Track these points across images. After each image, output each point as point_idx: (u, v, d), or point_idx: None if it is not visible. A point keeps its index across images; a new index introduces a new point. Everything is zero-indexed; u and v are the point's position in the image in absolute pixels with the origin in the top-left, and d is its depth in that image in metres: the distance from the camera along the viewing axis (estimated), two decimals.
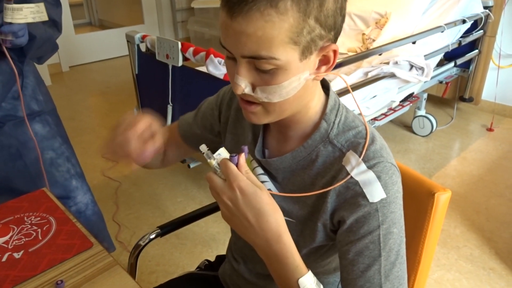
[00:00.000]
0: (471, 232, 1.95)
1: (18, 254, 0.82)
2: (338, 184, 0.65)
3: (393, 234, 0.64)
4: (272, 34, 0.55)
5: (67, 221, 0.91)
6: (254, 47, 0.56)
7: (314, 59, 0.60)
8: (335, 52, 0.61)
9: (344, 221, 0.65)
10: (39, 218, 0.92)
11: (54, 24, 1.26)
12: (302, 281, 0.61)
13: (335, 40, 0.61)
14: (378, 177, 0.63)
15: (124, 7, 5.46)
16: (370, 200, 0.63)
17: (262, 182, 0.73)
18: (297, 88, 0.61)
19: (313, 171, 0.69)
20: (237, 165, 0.61)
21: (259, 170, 0.74)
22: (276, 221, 0.61)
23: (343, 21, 0.61)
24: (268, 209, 0.60)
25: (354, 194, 0.64)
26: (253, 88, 0.61)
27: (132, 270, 1.04)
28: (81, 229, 0.89)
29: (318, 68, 0.63)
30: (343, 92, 1.83)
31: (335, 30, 0.60)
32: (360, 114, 0.69)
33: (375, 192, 0.63)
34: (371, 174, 0.63)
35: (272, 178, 0.74)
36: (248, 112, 0.65)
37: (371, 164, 0.64)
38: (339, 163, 0.66)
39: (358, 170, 0.64)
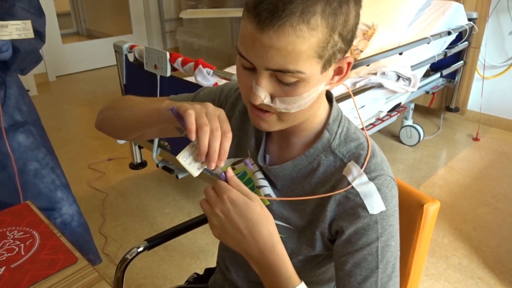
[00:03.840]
0: (459, 241, 1.96)
1: (0, 271, 0.80)
2: (338, 191, 0.65)
3: (390, 247, 0.65)
4: (301, 49, 0.55)
5: (51, 235, 0.89)
6: (281, 61, 0.56)
7: (331, 70, 0.62)
8: (349, 64, 0.63)
9: (342, 232, 0.65)
10: (22, 233, 0.90)
11: (37, 35, 1.25)
12: None
13: (348, 49, 0.63)
14: (379, 189, 0.64)
15: (112, 17, 5.44)
16: (370, 212, 0.63)
17: (262, 186, 0.73)
18: (314, 98, 0.62)
19: (314, 180, 0.69)
20: (226, 180, 0.61)
21: (259, 175, 0.74)
22: (268, 231, 0.61)
23: (355, 33, 0.62)
24: (260, 219, 0.60)
25: (354, 205, 0.64)
26: (272, 99, 0.61)
27: (118, 285, 1.01)
28: (65, 243, 0.87)
29: (332, 78, 0.64)
30: (338, 100, 1.84)
31: (350, 43, 0.61)
32: (362, 124, 0.71)
33: (375, 204, 0.63)
34: (372, 186, 0.64)
35: (271, 184, 0.74)
36: (259, 120, 0.65)
37: (372, 176, 0.65)
38: (339, 173, 0.67)
39: (359, 181, 0.65)
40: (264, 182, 0.73)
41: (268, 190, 0.73)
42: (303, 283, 0.63)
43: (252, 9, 0.55)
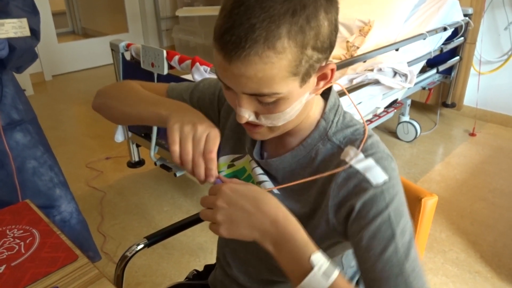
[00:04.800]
0: (456, 236, 1.98)
1: (0, 269, 0.80)
2: (337, 170, 0.65)
3: (403, 213, 0.63)
4: (272, 73, 0.55)
5: (51, 233, 0.89)
6: (255, 87, 0.57)
7: (313, 79, 0.62)
8: (332, 70, 0.63)
9: (352, 209, 0.64)
10: (21, 231, 0.90)
11: (32, 33, 1.25)
12: (314, 257, 0.58)
13: (330, 54, 0.62)
14: (377, 162, 0.64)
15: (108, 16, 5.42)
16: (374, 183, 0.62)
17: (262, 181, 0.74)
18: (299, 109, 0.63)
19: (313, 169, 0.69)
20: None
21: (259, 170, 0.75)
22: (275, 203, 0.61)
23: (336, 35, 0.61)
24: (263, 194, 0.61)
25: (357, 182, 0.64)
26: (257, 115, 0.62)
27: (118, 282, 1.02)
28: (65, 241, 0.87)
29: (317, 84, 0.64)
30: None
31: (330, 48, 0.61)
32: (362, 119, 0.71)
33: (377, 175, 0.63)
34: (370, 160, 0.64)
35: (272, 179, 0.74)
36: (252, 132, 0.67)
37: (369, 153, 0.65)
38: (337, 158, 0.67)
39: (357, 159, 0.65)
40: (264, 177, 0.74)
41: (269, 184, 0.73)
42: (321, 251, 0.59)
43: (218, 40, 0.56)
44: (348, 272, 0.83)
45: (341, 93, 1.93)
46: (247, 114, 0.62)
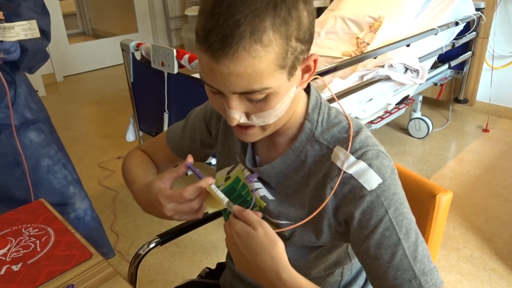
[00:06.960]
0: (470, 233, 1.95)
1: (17, 267, 0.81)
2: (335, 186, 0.65)
3: (404, 214, 0.63)
4: (261, 67, 0.55)
5: (66, 231, 0.90)
6: (245, 84, 0.56)
7: (298, 72, 0.62)
8: (315, 60, 0.62)
9: (352, 218, 0.64)
10: (37, 230, 0.91)
11: (43, 33, 1.26)
12: None
13: (310, 46, 0.62)
14: (369, 165, 0.63)
15: (118, 16, 5.46)
16: (369, 189, 0.63)
17: (256, 189, 0.74)
18: (288, 104, 0.63)
19: (305, 171, 0.69)
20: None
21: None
22: (271, 258, 0.62)
23: (314, 27, 0.62)
24: (262, 248, 0.62)
25: (352, 188, 0.64)
26: (247, 116, 0.62)
27: (132, 280, 1.03)
28: (80, 239, 0.88)
29: (302, 77, 0.64)
30: (338, 97, 1.84)
31: (311, 40, 0.61)
32: (344, 113, 0.71)
33: (370, 179, 0.63)
34: (361, 163, 0.64)
35: (266, 184, 0.74)
36: (244, 135, 0.66)
37: (359, 154, 0.64)
38: (328, 160, 0.67)
39: (348, 163, 0.64)
40: (258, 185, 0.74)
41: (263, 191, 0.73)
42: None
43: (202, 41, 0.55)
44: (355, 264, 0.83)
45: (345, 93, 1.92)
46: (238, 116, 0.60)
